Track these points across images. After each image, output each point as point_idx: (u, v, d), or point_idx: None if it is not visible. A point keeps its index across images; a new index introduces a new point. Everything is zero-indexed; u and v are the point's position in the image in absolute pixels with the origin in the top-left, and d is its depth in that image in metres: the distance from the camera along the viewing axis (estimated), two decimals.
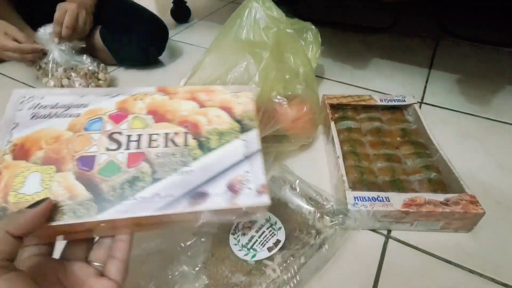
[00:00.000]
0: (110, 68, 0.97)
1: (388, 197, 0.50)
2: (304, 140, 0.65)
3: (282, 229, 0.48)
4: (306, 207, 0.50)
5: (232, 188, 0.35)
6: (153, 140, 0.37)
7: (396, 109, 0.72)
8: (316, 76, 0.85)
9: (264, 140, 0.60)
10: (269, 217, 0.49)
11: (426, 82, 0.91)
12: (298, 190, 0.53)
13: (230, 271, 0.44)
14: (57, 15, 0.79)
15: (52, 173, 0.34)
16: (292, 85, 0.62)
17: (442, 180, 0.56)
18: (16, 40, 0.79)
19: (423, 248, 0.50)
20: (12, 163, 0.34)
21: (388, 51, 1.05)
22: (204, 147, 0.37)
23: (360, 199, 0.50)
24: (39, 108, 0.38)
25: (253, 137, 0.39)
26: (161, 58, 1.01)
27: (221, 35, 0.63)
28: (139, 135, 0.38)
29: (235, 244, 0.46)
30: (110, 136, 0.37)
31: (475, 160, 0.65)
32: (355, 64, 0.99)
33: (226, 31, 0.61)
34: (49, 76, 0.82)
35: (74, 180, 0.34)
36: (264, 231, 0.47)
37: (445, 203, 0.49)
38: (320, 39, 0.81)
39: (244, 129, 0.39)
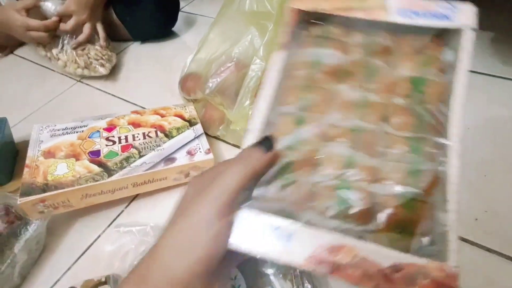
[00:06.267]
0: (125, 44, 0.97)
1: None
2: None
3: None
4: None
5: (190, 153, 0.56)
6: (136, 137, 0.58)
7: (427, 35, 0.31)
8: None
9: None
10: (237, 279, 0.42)
11: None
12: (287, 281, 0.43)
13: None
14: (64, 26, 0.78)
15: (73, 162, 0.53)
16: None
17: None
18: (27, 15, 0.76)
19: None
20: (44, 160, 0.53)
21: None
22: (169, 136, 0.58)
23: None
24: (54, 131, 0.58)
25: (198, 127, 0.61)
26: (174, 29, 1.00)
27: (224, 7, 0.60)
28: (126, 136, 0.58)
29: None
30: (107, 139, 0.57)
31: None
32: None
33: (229, 3, 0.58)
34: (61, 57, 0.82)
35: (89, 163, 0.53)
36: None
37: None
38: None
39: (192, 124, 0.61)
